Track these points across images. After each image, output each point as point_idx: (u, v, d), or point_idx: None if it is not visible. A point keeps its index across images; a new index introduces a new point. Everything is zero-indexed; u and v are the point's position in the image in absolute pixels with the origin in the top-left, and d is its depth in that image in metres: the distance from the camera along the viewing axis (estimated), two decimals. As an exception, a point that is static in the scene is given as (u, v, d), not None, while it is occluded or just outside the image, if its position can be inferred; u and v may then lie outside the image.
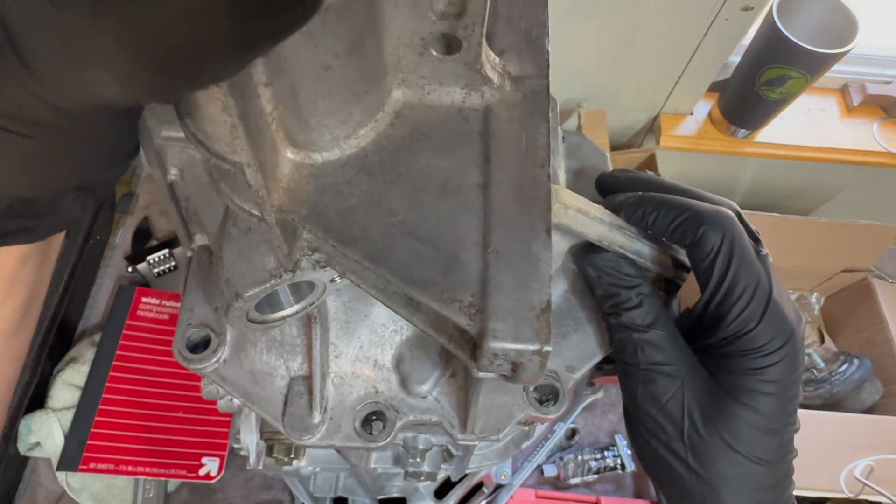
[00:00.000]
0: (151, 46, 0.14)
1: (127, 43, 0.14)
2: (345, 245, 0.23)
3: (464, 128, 0.24)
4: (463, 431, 0.34)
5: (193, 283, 0.34)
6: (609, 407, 0.90)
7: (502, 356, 0.22)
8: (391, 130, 0.23)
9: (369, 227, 0.23)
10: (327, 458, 0.53)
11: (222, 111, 0.18)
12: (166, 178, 0.31)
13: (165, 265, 0.87)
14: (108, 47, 0.15)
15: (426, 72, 0.23)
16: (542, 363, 0.23)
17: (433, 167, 0.24)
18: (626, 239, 0.31)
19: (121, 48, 0.14)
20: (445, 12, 0.21)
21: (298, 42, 0.17)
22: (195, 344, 0.33)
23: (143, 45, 0.14)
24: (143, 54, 0.15)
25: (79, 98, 0.17)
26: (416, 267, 0.23)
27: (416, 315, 0.24)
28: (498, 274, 0.22)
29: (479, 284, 0.22)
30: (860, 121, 0.97)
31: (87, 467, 0.73)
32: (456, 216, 0.23)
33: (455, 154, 0.24)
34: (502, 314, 0.22)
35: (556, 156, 0.36)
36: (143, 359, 0.80)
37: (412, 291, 0.22)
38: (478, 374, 0.24)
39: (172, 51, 0.15)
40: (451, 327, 0.23)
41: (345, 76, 0.20)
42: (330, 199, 0.23)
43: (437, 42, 0.22)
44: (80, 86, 0.16)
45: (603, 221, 0.30)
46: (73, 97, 0.17)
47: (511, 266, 0.23)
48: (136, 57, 0.15)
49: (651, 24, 0.80)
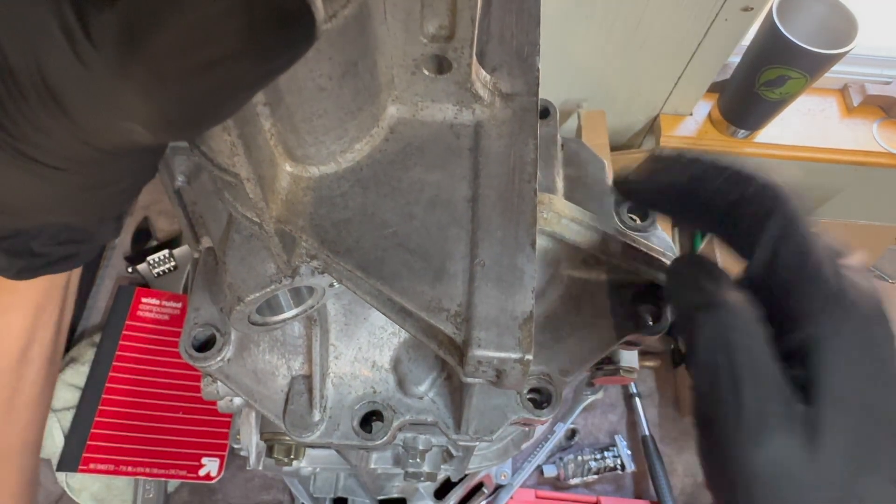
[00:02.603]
0: (177, 98, 0.16)
1: (153, 97, 0.16)
2: (339, 255, 0.24)
3: (455, 143, 0.24)
4: (457, 432, 0.35)
5: (200, 283, 0.35)
6: (609, 407, 0.90)
7: (486, 363, 0.23)
8: (385, 145, 0.24)
9: (362, 239, 0.24)
10: (327, 458, 0.53)
11: (223, 130, 0.19)
12: (174, 184, 0.33)
13: (165, 266, 0.87)
14: (136, 101, 0.16)
15: (419, 90, 0.24)
16: (524, 371, 0.23)
17: (424, 181, 0.25)
18: (618, 249, 0.32)
19: (148, 102, 0.16)
20: (436, 35, 0.22)
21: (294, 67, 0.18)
22: (201, 343, 0.35)
23: (169, 98, 0.16)
24: (170, 105, 0.16)
25: (115, 141, 0.18)
26: (406, 277, 0.24)
27: (408, 321, 0.25)
28: (484, 285, 0.24)
29: (465, 295, 0.24)
30: (860, 121, 0.96)
31: (86, 468, 0.73)
32: (445, 229, 0.24)
33: (446, 169, 0.25)
34: (486, 324, 0.23)
35: (555, 163, 0.37)
36: (142, 359, 0.81)
37: (402, 300, 0.23)
38: (465, 379, 0.25)
39: (197, 99, 0.16)
40: (440, 334, 0.24)
41: (340, 96, 0.21)
42: (326, 211, 0.24)
43: (428, 62, 0.23)
44: (115, 134, 0.18)
45: (596, 230, 0.31)
46: (110, 140, 0.18)
47: (496, 277, 0.24)
48: (163, 108, 0.16)
49: (651, 25, 0.80)
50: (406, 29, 0.21)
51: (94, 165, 0.20)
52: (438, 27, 0.21)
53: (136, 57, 0.15)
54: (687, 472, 0.87)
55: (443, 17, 0.21)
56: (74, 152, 0.19)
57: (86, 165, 0.20)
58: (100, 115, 0.17)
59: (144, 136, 0.17)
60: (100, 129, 0.18)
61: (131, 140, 0.18)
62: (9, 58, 0.16)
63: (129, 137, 0.18)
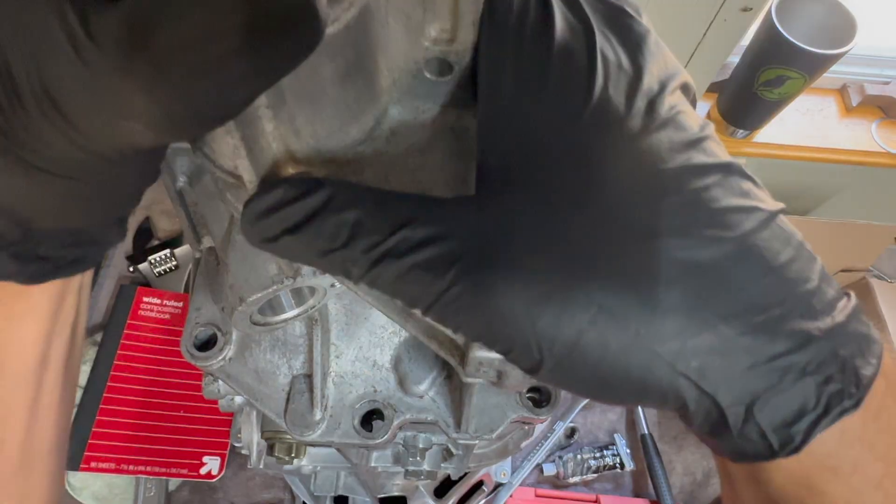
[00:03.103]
0: (181, 96, 0.15)
1: (157, 97, 0.15)
2: None
3: (456, 146, 0.24)
4: (458, 430, 0.35)
5: (201, 283, 0.35)
6: (608, 406, 0.90)
7: (487, 364, 0.23)
8: (387, 147, 0.24)
9: None
10: (328, 456, 0.53)
11: (225, 133, 0.19)
12: (175, 184, 0.33)
13: (166, 265, 0.88)
14: (139, 100, 0.16)
15: (421, 92, 0.24)
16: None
17: (425, 184, 0.24)
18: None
19: (151, 100, 0.16)
20: (438, 38, 0.22)
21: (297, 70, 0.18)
22: (202, 342, 0.35)
23: (173, 96, 0.15)
24: (173, 104, 0.16)
25: (116, 144, 0.18)
26: None
27: (409, 321, 0.25)
28: None
29: None
30: (859, 121, 0.97)
31: (88, 466, 0.73)
32: None
33: (447, 171, 0.24)
34: None
35: None
36: (144, 358, 0.81)
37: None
38: (466, 379, 0.25)
39: (201, 97, 0.16)
40: (441, 334, 0.24)
41: (342, 98, 0.21)
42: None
43: (430, 65, 0.23)
44: (116, 135, 0.17)
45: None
46: (111, 144, 0.18)
47: None
48: (167, 108, 0.16)
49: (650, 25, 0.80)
50: (408, 32, 0.21)
51: (96, 172, 0.20)
52: (440, 30, 0.22)
53: (140, 55, 0.15)
54: (686, 471, 0.87)
55: (444, 20, 0.21)
56: (75, 158, 0.19)
57: (87, 172, 0.20)
58: (101, 116, 0.17)
59: (146, 137, 0.17)
60: (100, 132, 0.17)
61: (133, 142, 0.18)
62: (8, 60, 0.16)
63: (130, 139, 0.18)
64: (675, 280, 0.18)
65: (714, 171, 0.19)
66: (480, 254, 0.18)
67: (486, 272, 0.18)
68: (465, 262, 0.18)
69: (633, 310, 0.18)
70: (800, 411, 0.18)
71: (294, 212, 0.19)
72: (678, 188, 0.18)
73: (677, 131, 0.19)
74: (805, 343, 0.18)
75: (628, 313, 0.18)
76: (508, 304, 0.18)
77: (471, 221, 0.19)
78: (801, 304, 0.18)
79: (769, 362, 0.18)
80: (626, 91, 0.19)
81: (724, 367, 0.18)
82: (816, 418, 0.18)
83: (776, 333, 0.18)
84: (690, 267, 0.18)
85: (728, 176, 0.19)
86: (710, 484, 0.86)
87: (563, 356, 0.18)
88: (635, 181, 0.18)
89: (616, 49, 0.20)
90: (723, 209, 0.18)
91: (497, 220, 0.19)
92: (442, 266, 0.18)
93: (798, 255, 0.19)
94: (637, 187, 0.18)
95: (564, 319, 0.18)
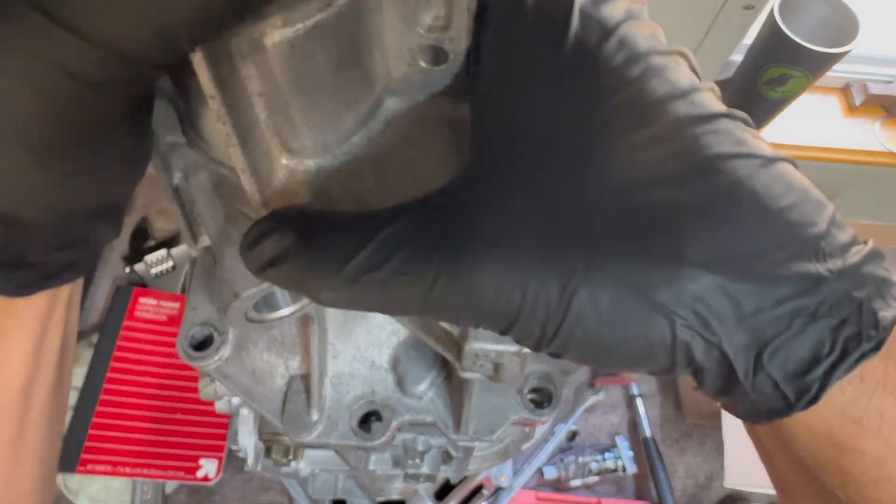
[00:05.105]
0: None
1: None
2: None
3: (451, 136, 0.24)
4: (457, 432, 0.35)
5: (198, 283, 0.35)
6: (610, 408, 0.89)
7: (483, 357, 0.24)
8: (382, 138, 0.24)
9: None
10: (326, 459, 0.53)
11: (217, 121, 0.18)
12: (171, 182, 0.32)
13: (163, 266, 0.87)
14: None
15: (415, 81, 0.23)
16: (523, 364, 0.24)
17: (421, 175, 0.24)
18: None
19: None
20: (432, 26, 0.22)
21: (289, 56, 0.18)
22: (199, 342, 0.35)
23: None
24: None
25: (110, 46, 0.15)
26: None
27: (405, 316, 0.25)
28: None
29: None
30: (862, 120, 0.96)
31: (84, 469, 0.73)
32: None
33: (442, 161, 0.24)
34: None
35: None
36: (140, 360, 0.80)
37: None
38: (463, 374, 0.25)
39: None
40: (437, 329, 0.24)
41: (336, 87, 0.21)
42: (322, 205, 0.24)
43: (425, 53, 0.23)
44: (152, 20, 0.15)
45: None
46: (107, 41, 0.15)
47: None
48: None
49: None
50: (402, 19, 0.21)
51: (76, 99, 0.17)
52: (434, 17, 0.21)
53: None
54: (688, 474, 0.87)
55: (439, 7, 0.21)
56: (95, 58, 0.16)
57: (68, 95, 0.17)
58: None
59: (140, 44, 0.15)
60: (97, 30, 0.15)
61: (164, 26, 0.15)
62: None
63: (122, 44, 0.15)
64: (662, 227, 0.17)
65: (706, 121, 0.18)
66: (458, 239, 0.18)
67: (467, 254, 0.18)
68: (444, 252, 0.18)
69: (619, 260, 0.17)
70: (814, 358, 0.17)
71: (269, 248, 0.19)
72: (667, 138, 0.18)
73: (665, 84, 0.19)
74: (814, 285, 0.17)
75: (614, 264, 0.17)
76: (496, 278, 0.17)
77: (443, 211, 0.19)
78: (807, 248, 0.17)
79: (775, 307, 0.17)
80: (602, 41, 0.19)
81: (727, 313, 0.17)
82: (833, 364, 0.17)
83: (780, 277, 0.17)
84: (679, 212, 0.17)
85: (722, 124, 0.18)
86: (713, 487, 0.85)
87: (558, 320, 0.17)
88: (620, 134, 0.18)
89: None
90: (713, 156, 0.17)
91: (468, 201, 0.19)
92: (421, 264, 0.18)
93: (803, 199, 0.18)
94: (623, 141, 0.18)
95: (550, 281, 0.17)
